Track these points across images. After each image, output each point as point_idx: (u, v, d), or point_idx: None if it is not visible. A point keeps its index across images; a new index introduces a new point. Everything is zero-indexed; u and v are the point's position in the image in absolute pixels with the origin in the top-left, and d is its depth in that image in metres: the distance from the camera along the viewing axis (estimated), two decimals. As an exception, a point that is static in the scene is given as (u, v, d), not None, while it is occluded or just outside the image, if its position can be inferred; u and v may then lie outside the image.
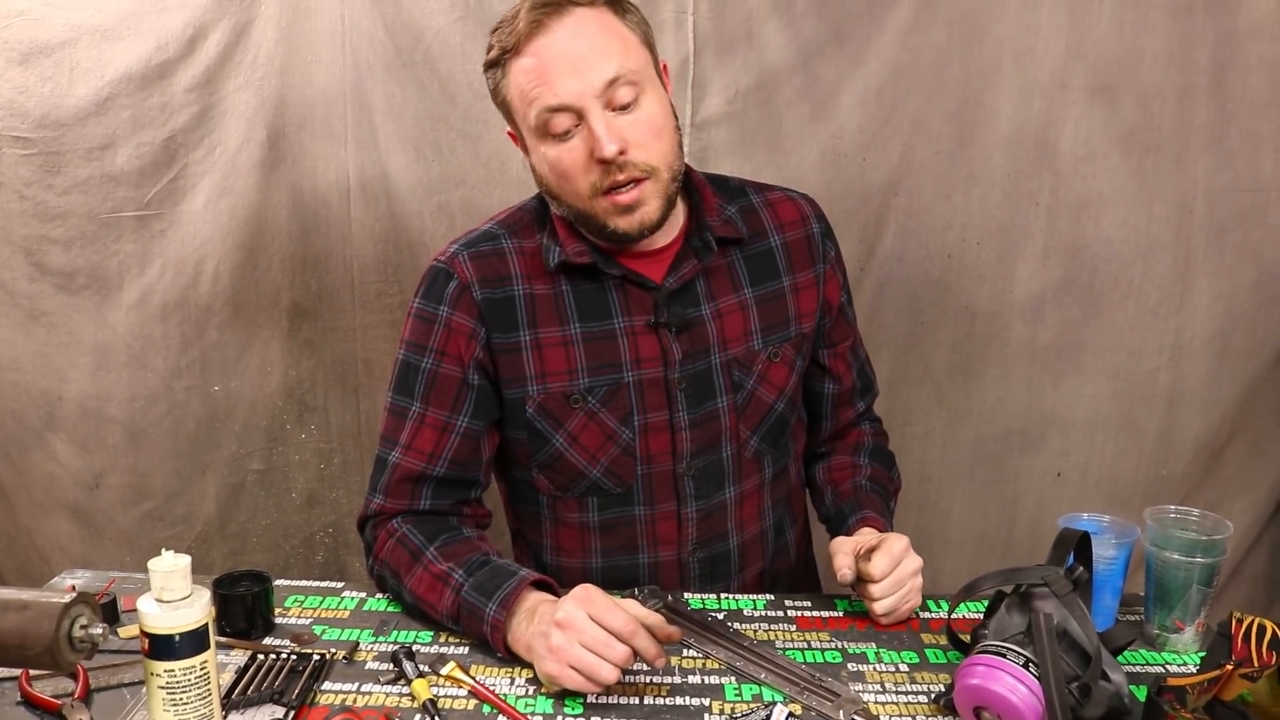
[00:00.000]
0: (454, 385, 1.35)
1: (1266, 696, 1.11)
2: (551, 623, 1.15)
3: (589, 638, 1.12)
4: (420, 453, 1.35)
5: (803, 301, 1.46)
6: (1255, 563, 2.14)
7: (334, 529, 2.10)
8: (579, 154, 1.26)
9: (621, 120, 1.26)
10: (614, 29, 1.27)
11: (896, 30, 1.91)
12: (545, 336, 1.36)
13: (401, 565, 1.31)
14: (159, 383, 1.99)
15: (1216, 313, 2.00)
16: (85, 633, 0.90)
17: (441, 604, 1.26)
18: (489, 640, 1.22)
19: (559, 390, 1.36)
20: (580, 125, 1.26)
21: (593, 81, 1.23)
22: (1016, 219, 1.98)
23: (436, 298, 1.36)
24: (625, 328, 1.37)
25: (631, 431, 1.38)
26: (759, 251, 1.44)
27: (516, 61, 1.26)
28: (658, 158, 1.29)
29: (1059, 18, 1.89)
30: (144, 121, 1.89)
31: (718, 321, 1.40)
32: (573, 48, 1.24)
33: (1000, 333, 2.04)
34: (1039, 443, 2.10)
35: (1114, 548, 1.30)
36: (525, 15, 1.24)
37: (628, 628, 1.12)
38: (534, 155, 1.33)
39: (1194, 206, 1.96)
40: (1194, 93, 1.91)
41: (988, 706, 1.08)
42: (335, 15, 1.87)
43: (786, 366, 1.45)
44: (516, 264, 1.37)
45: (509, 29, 1.26)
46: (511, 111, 1.32)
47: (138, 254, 1.94)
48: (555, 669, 1.13)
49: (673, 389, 1.38)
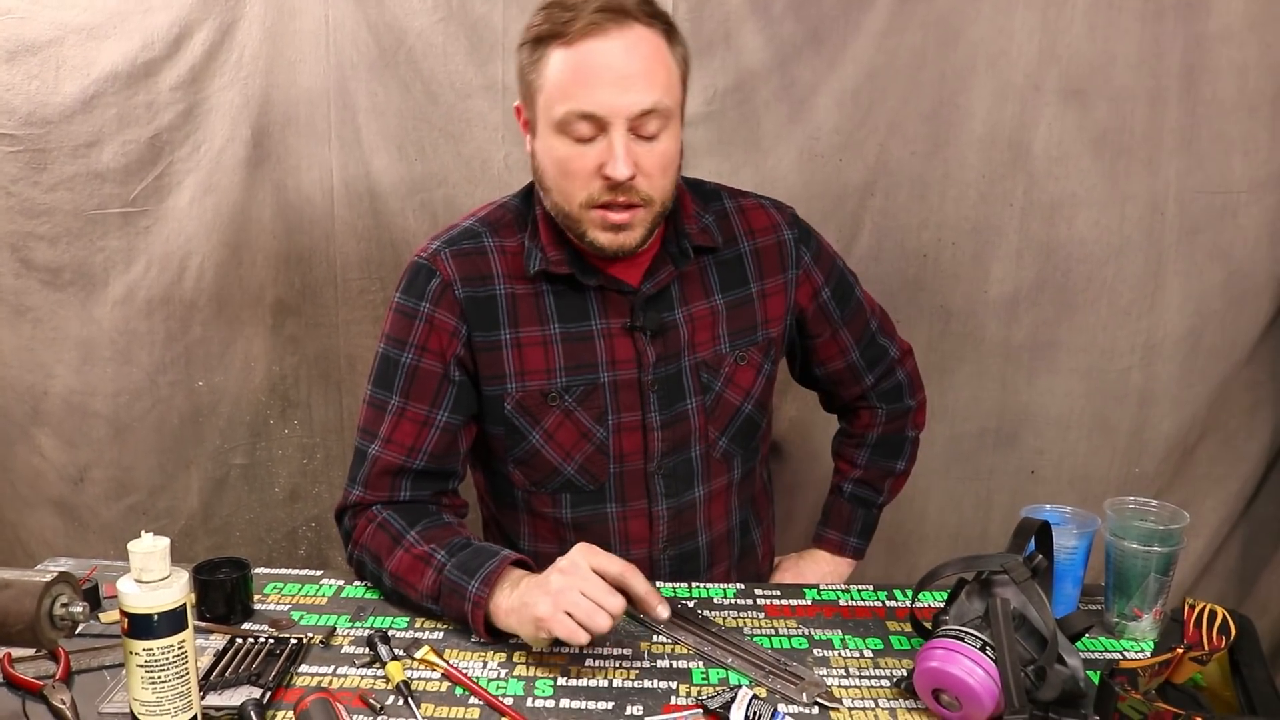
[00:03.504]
0: (434, 380, 1.37)
1: (1218, 679, 1.14)
2: (552, 570, 1.19)
3: (590, 586, 1.15)
4: (400, 445, 1.37)
5: (770, 307, 1.48)
6: (1226, 559, 2.17)
7: (316, 523, 2.12)
8: (589, 162, 1.27)
9: (639, 147, 1.27)
10: (663, 58, 1.28)
11: (872, 33, 1.94)
12: (525, 336, 1.38)
13: (382, 549, 1.33)
14: (143, 378, 2.01)
15: (1188, 312, 2.03)
16: (66, 611, 0.93)
17: (422, 584, 1.28)
18: (468, 619, 1.23)
19: (537, 388, 1.39)
20: (600, 136, 1.26)
21: (630, 104, 1.24)
22: (991, 219, 2.01)
23: (418, 294, 1.37)
24: (602, 330, 1.39)
25: (606, 430, 1.41)
26: (729, 258, 1.46)
27: (563, 52, 1.25)
28: (658, 191, 1.31)
29: (1032, 21, 1.92)
30: (130, 119, 1.91)
31: (689, 325, 1.43)
32: (624, 63, 1.24)
33: (975, 332, 2.07)
34: (1013, 440, 2.13)
35: (1075, 537, 1.33)
36: (588, 12, 1.23)
37: (627, 570, 1.18)
38: (540, 143, 1.32)
39: (1165, 208, 1.99)
40: (1165, 96, 1.94)
41: (946, 689, 1.11)
42: (319, 15, 1.90)
43: (753, 369, 1.48)
44: (498, 263, 1.38)
45: (564, 16, 1.24)
46: (534, 93, 1.30)
47: (123, 250, 1.96)
48: (548, 611, 1.14)
49: (646, 390, 1.41)
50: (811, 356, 1.61)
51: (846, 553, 1.68)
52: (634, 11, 1.25)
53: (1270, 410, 2.11)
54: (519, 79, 1.33)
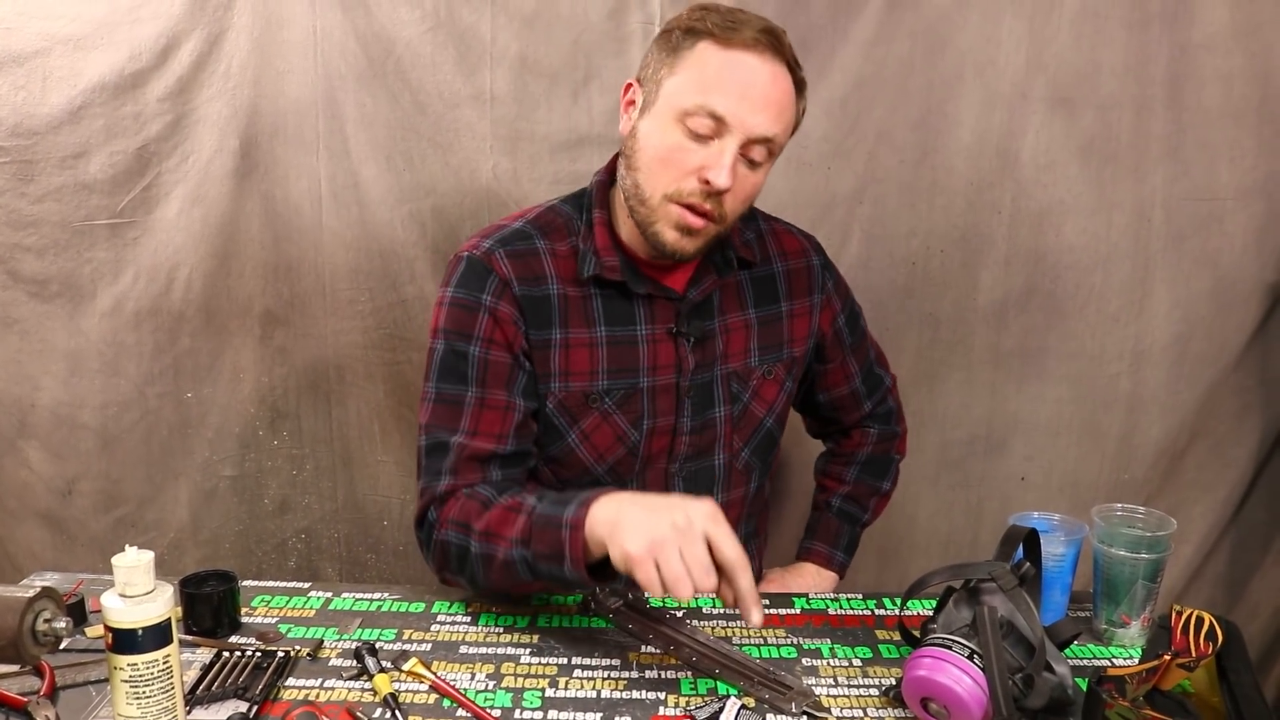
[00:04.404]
0: (505, 368, 1.37)
1: (1205, 686, 1.15)
2: (667, 508, 1.12)
3: (693, 551, 1.09)
4: (488, 435, 1.36)
5: (796, 327, 1.53)
6: (1215, 565, 2.18)
7: (306, 534, 2.12)
8: (693, 159, 1.29)
9: (740, 167, 1.30)
10: (791, 103, 1.34)
11: (860, 41, 1.94)
12: (574, 337, 1.39)
13: (471, 514, 1.29)
14: (132, 389, 2.00)
15: (1175, 319, 2.04)
16: (49, 626, 0.92)
17: (512, 530, 1.23)
18: (564, 547, 1.17)
19: (580, 389, 1.40)
20: (713, 140, 1.28)
21: (756, 125, 1.27)
22: (979, 227, 2.02)
23: (477, 288, 1.37)
24: (646, 335, 1.42)
25: (640, 434, 1.43)
26: (763, 275, 1.51)
27: (717, 50, 1.27)
28: (733, 214, 1.35)
29: (1019, 30, 1.93)
30: (117, 130, 1.90)
31: (725, 336, 1.46)
32: (767, 88, 1.28)
33: (964, 339, 2.08)
34: (1003, 447, 2.13)
35: (1063, 545, 1.33)
36: (751, 30, 1.27)
37: (740, 561, 1.10)
38: (650, 123, 1.33)
39: (1152, 215, 2.00)
40: (1151, 104, 1.95)
41: (934, 697, 1.11)
42: (307, 26, 1.89)
43: (777, 384, 1.52)
44: (550, 264, 1.40)
45: (727, 21, 1.27)
46: (664, 77, 1.31)
47: (111, 262, 1.95)
48: (639, 550, 1.09)
49: (682, 396, 1.44)
50: (819, 381, 1.65)
51: (833, 567, 1.70)
52: (786, 54, 1.31)
53: (1258, 416, 2.11)
54: (650, 61, 1.35)
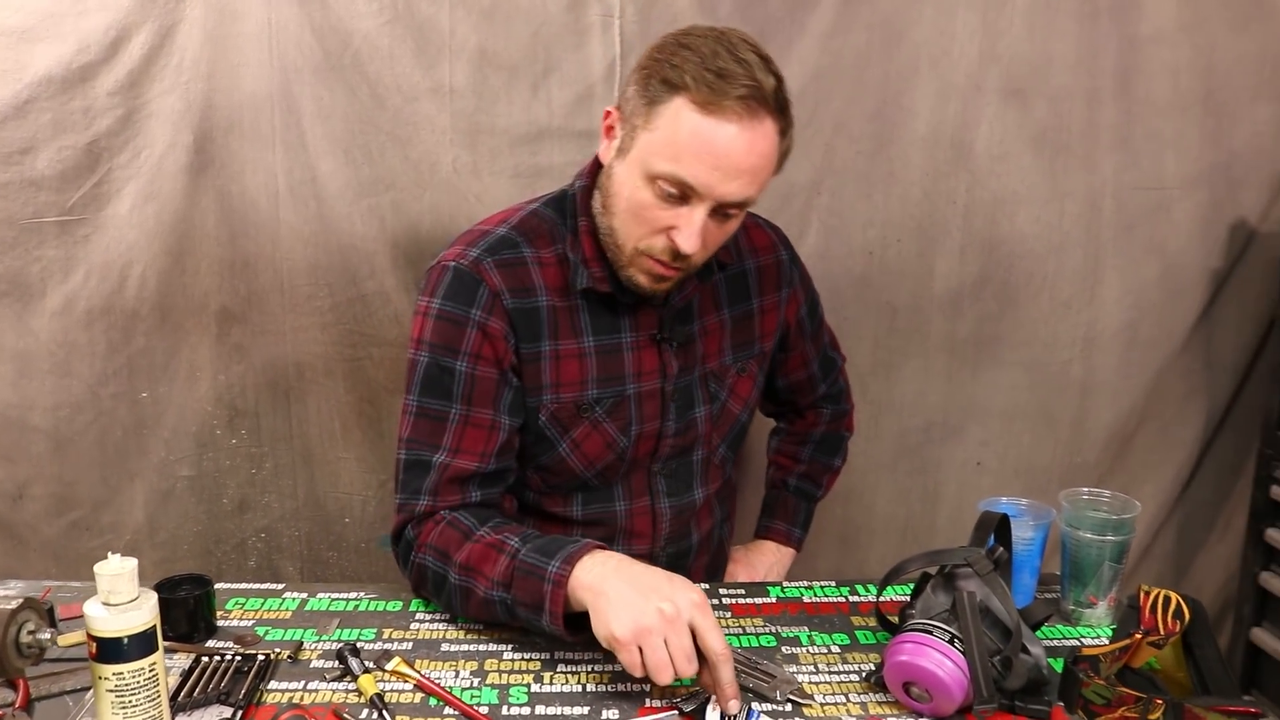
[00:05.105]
0: (492, 385, 1.35)
1: (1171, 662, 1.19)
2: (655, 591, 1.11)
3: (677, 641, 1.09)
4: (471, 453, 1.34)
5: (766, 322, 1.54)
6: (1163, 543, 2.24)
7: (266, 534, 2.09)
8: (662, 218, 1.27)
9: (712, 223, 1.28)
10: (772, 156, 1.27)
11: (817, 34, 1.96)
12: (564, 348, 1.38)
13: (450, 543, 1.28)
14: (84, 390, 1.96)
15: (1125, 305, 2.10)
16: (33, 638, 0.91)
17: (494, 571, 1.22)
18: (545, 601, 1.17)
19: (571, 400, 1.39)
20: (682, 203, 1.25)
21: (726, 192, 1.24)
22: (935, 217, 2.05)
23: (466, 300, 1.34)
24: (631, 342, 1.42)
25: (628, 440, 1.43)
26: (735, 273, 1.51)
27: (690, 114, 1.21)
28: (705, 259, 1.35)
29: (973, 23, 1.96)
30: (65, 125, 1.85)
31: (703, 338, 1.47)
32: (740, 157, 1.22)
33: (921, 327, 2.11)
34: (959, 433, 2.17)
35: (1031, 529, 1.37)
36: (735, 93, 1.19)
37: (724, 653, 1.10)
38: (624, 171, 1.29)
39: (1103, 204, 2.04)
40: (1101, 95, 2.00)
41: (916, 681, 1.13)
42: (262, 18, 1.86)
43: (750, 380, 1.54)
44: (539, 276, 1.37)
45: (708, 79, 1.19)
46: (639, 127, 1.26)
47: (61, 260, 1.90)
48: (625, 634, 1.09)
49: (667, 400, 1.44)
50: (780, 368, 1.67)
51: (791, 543, 1.75)
52: (770, 103, 1.23)
53: (1203, 398, 2.18)
54: (630, 96, 1.29)
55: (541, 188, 1.55)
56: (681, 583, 1.14)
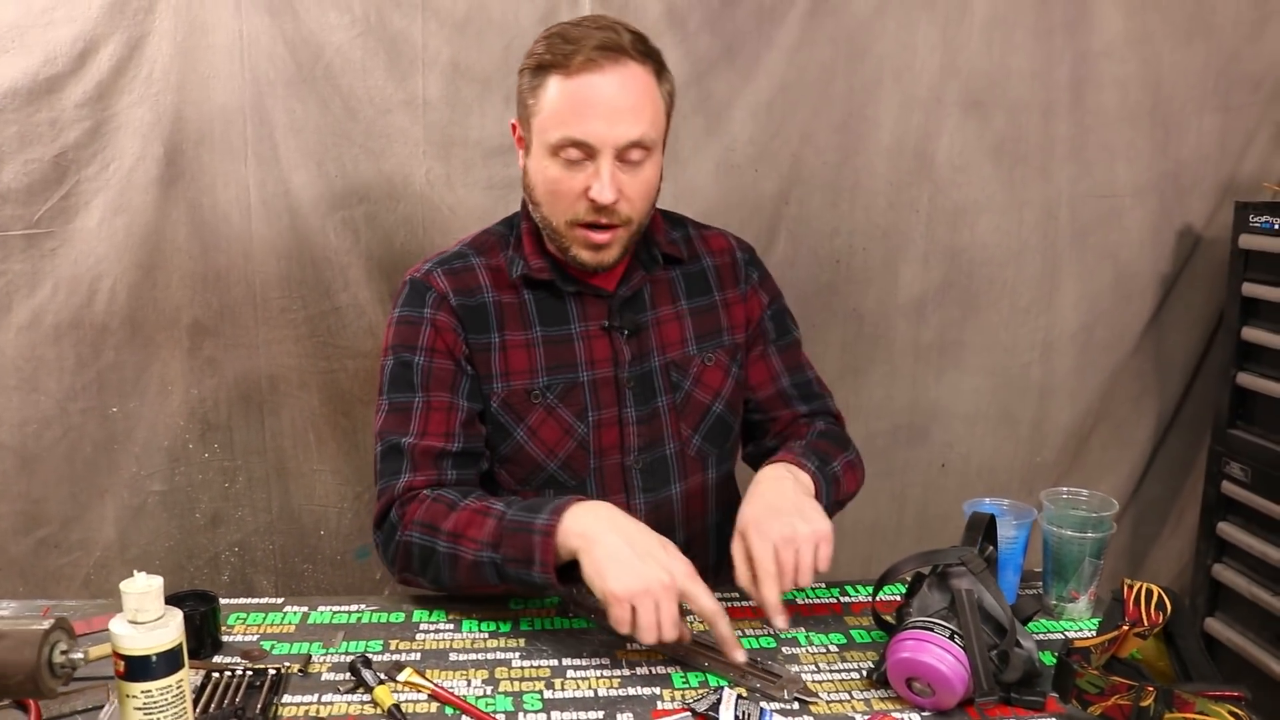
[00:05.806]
0: (449, 374, 1.43)
1: (1153, 652, 1.24)
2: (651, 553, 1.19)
3: (667, 606, 1.17)
4: (436, 434, 1.40)
5: (733, 315, 1.58)
6: (1119, 538, 2.31)
7: (240, 547, 2.07)
8: (577, 184, 1.35)
9: (624, 174, 1.35)
10: (652, 94, 1.36)
11: (784, 47, 2.01)
12: (511, 339, 1.45)
13: (437, 515, 1.33)
14: (53, 406, 1.92)
15: (1081, 310, 2.18)
16: (65, 658, 0.91)
17: (482, 533, 1.28)
18: (534, 553, 1.23)
19: (521, 386, 1.45)
20: (589, 162, 1.34)
21: (618, 136, 1.32)
22: (899, 225, 2.11)
23: (418, 304, 1.44)
24: (581, 332, 1.47)
25: (586, 426, 1.47)
26: (694, 271, 1.57)
27: (561, 82, 1.32)
28: (638, 213, 1.40)
29: (934, 37, 2.03)
30: (32, 137, 1.83)
31: (658, 329, 1.52)
32: (615, 98, 1.32)
33: (886, 333, 2.17)
34: (924, 436, 2.23)
35: (1014, 528, 1.41)
36: (586, 49, 1.30)
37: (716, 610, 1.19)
38: (533, 162, 1.40)
39: (1059, 212, 2.12)
40: (1056, 107, 2.07)
41: (919, 677, 1.17)
42: (233, 30, 1.85)
43: (721, 370, 1.56)
44: (485, 277, 1.47)
45: (564, 48, 1.32)
46: (531, 116, 1.37)
47: (27, 274, 1.87)
48: (620, 592, 1.16)
49: (622, 387, 1.48)
50: (746, 381, 1.61)
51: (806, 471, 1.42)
52: (629, 49, 1.33)
53: (1154, 399, 2.27)
54: (518, 100, 1.40)
55: (514, 200, 1.56)
56: (673, 550, 1.22)
